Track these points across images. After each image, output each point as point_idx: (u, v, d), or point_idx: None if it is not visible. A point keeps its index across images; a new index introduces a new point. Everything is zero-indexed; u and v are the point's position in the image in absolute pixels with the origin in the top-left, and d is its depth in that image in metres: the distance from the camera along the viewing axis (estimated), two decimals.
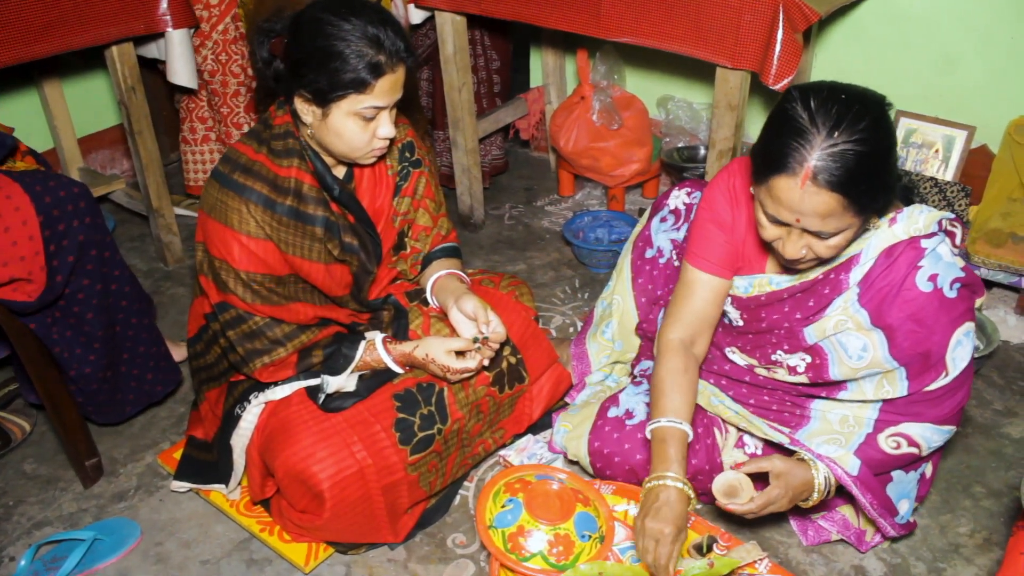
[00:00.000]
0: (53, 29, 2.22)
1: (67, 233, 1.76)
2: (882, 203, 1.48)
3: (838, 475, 1.61)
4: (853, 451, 1.62)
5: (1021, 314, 2.41)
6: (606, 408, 1.89)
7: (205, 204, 1.66)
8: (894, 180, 1.46)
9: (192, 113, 2.89)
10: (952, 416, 1.61)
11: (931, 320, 1.51)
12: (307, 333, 1.73)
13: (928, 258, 1.50)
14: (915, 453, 1.62)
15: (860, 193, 1.38)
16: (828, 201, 1.38)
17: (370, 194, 1.80)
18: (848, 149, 1.35)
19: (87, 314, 1.85)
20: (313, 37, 1.55)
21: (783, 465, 1.58)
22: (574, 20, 2.32)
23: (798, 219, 1.42)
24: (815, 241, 1.46)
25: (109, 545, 1.82)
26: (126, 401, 2.04)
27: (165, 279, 2.78)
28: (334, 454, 1.66)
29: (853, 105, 1.38)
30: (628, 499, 1.80)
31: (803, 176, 1.37)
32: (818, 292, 1.61)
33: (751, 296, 1.70)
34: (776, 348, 1.71)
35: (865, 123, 1.36)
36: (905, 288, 1.50)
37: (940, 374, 1.55)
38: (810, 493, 1.60)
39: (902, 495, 1.72)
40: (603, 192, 3.20)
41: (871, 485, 1.64)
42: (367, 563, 1.80)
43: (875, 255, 1.53)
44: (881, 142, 1.38)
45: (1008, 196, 2.35)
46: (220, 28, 2.68)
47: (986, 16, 2.37)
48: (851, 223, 1.43)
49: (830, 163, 1.35)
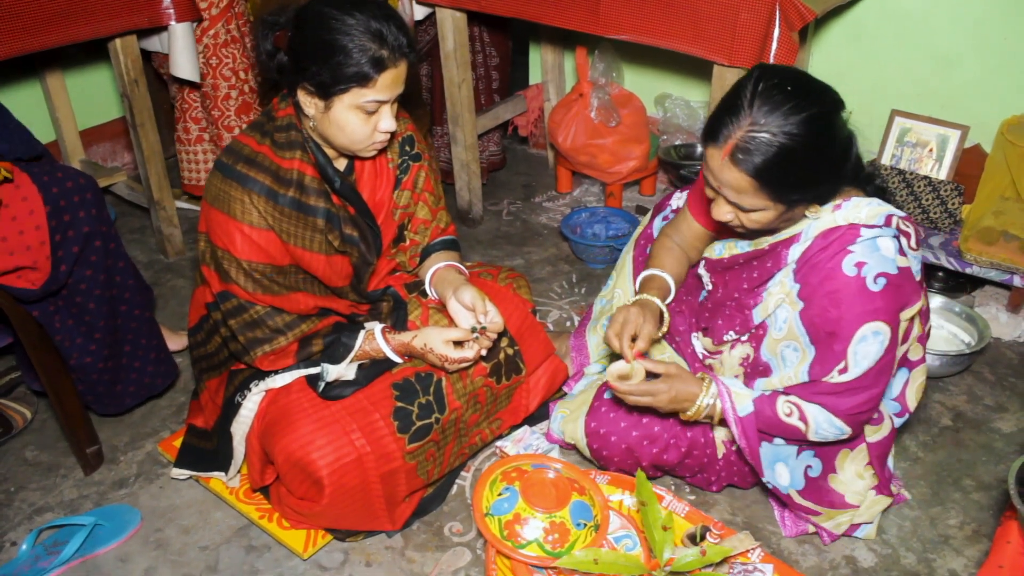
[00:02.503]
0: (58, 21, 2.24)
1: (72, 224, 1.78)
2: (805, 197, 1.53)
3: (725, 407, 1.67)
4: (753, 398, 1.67)
5: (1012, 311, 2.44)
6: (602, 390, 1.93)
7: (208, 194, 1.68)
8: (824, 177, 1.52)
9: (186, 113, 2.90)
10: (849, 415, 1.61)
11: (845, 304, 1.53)
12: (307, 323, 1.75)
13: (861, 245, 1.53)
14: (801, 429, 1.64)
15: (774, 181, 1.46)
16: (740, 179, 1.47)
17: (370, 187, 1.83)
18: (769, 139, 1.43)
19: (89, 304, 1.87)
20: (317, 31, 1.57)
21: (677, 371, 1.67)
22: (573, 17, 2.34)
23: (719, 187, 1.53)
24: (740, 211, 1.55)
25: (109, 531, 1.84)
26: (126, 393, 2.06)
27: (166, 271, 2.80)
28: (333, 441, 1.68)
29: (796, 98, 1.43)
30: (623, 488, 1.82)
31: (724, 151, 1.47)
32: (764, 263, 1.68)
33: (721, 258, 1.80)
34: (728, 327, 1.77)
35: (799, 118, 1.43)
36: (831, 267, 1.55)
37: (838, 363, 1.57)
38: (690, 406, 1.67)
39: (777, 459, 1.74)
40: (601, 189, 3.22)
41: (749, 433, 1.67)
42: (365, 550, 1.82)
43: (814, 236, 1.59)
44: (808, 139, 1.44)
45: (1000, 195, 2.38)
46: (211, 32, 2.70)
47: (979, 17, 2.40)
48: (768, 205, 1.51)
49: (748, 146, 1.44)
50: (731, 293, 1.76)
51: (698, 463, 1.83)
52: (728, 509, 1.90)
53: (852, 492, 1.76)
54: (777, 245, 1.66)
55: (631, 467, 1.85)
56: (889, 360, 1.58)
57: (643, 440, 1.80)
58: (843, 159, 1.54)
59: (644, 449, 1.81)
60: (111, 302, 1.93)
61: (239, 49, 2.76)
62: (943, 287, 2.58)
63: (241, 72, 2.78)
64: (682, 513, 1.81)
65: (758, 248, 1.70)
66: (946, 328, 2.39)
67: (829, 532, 1.80)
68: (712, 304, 1.83)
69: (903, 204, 2.51)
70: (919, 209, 2.49)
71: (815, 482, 1.75)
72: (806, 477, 1.75)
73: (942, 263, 2.39)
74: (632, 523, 1.75)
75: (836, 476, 1.76)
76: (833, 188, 1.57)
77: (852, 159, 1.58)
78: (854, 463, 1.76)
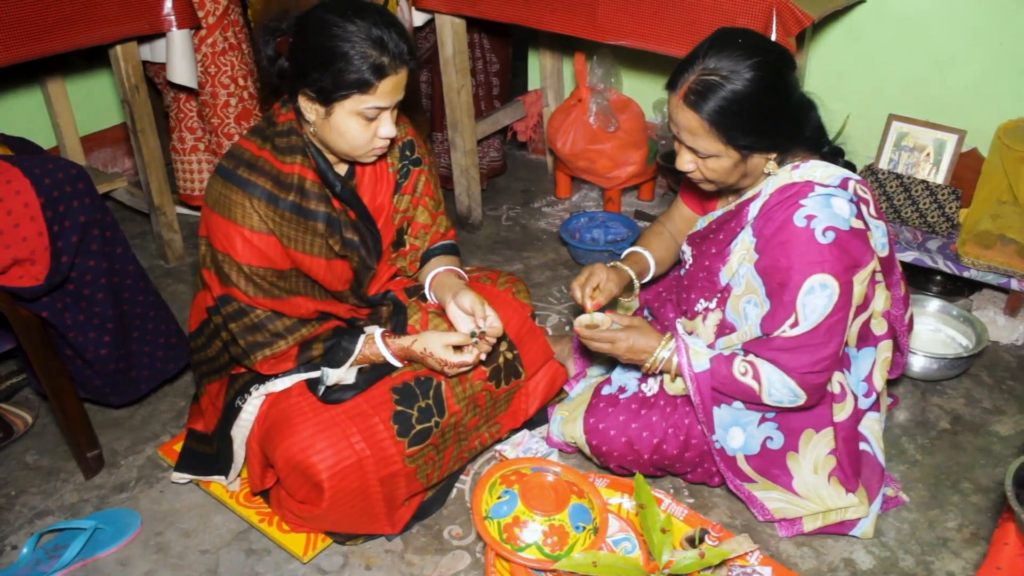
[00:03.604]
0: (59, 27, 2.26)
1: (68, 214, 1.78)
2: (756, 144, 1.61)
3: (681, 362, 1.73)
4: (710, 356, 1.72)
5: (1010, 315, 2.45)
6: (600, 388, 1.94)
7: (209, 198, 1.69)
8: (774, 127, 1.61)
9: (181, 123, 2.90)
10: (801, 375, 1.65)
11: (794, 253, 1.60)
12: (308, 327, 1.76)
13: (813, 200, 1.60)
14: (755, 388, 1.68)
15: (723, 123, 1.57)
16: (692, 120, 1.59)
17: (371, 191, 1.84)
18: (718, 81, 1.55)
19: (97, 295, 1.88)
20: (318, 37, 1.58)
21: (639, 324, 1.77)
22: (571, 23, 2.36)
23: (678, 132, 1.64)
24: (698, 159, 1.66)
25: (110, 534, 1.85)
26: (140, 379, 2.07)
27: (166, 276, 2.81)
28: (333, 445, 1.69)
29: (746, 48, 1.56)
30: (622, 492, 1.83)
31: (679, 93, 1.59)
32: (729, 224, 1.76)
33: (699, 230, 1.87)
34: (699, 296, 1.82)
35: (747, 63, 1.54)
36: (783, 219, 1.62)
37: (788, 316, 1.62)
38: (647, 358, 1.75)
39: (735, 423, 1.78)
40: (599, 194, 3.23)
41: (703, 389, 1.73)
42: (364, 553, 1.82)
43: (771, 191, 1.67)
44: (755, 85, 1.55)
45: (997, 199, 2.39)
46: (209, 41, 2.72)
47: (976, 21, 2.41)
48: (720, 150, 1.61)
49: (698, 87, 1.56)
50: (703, 262, 1.82)
51: (698, 452, 1.83)
52: (727, 512, 1.90)
53: (802, 479, 1.78)
54: (742, 205, 1.74)
55: (632, 463, 1.86)
56: (839, 319, 1.62)
57: (642, 431, 1.82)
58: (797, 117, 1.65)
59: (644, 441, 1.82)
60: (116, 289, 1.94)
61: (237, 56, 2.78)
62: (941, 291, 2.59)
63: (240, 79, 2.80)
64: (681, 516, 1.82)
65: (727, 211, 1.78)
66: (944, 331, 2.40)
67: (762, 507, 1.83)
68: (688, 279, 1.88)
69: (900, 208, 2.52)
70: (916, 213, 2.50)
71: (772, 453, 1.78)
72: (763, 447, 1.78)
73: (940, 267, 2.40)
74: (631, 526, 1.76)
75: (795, 455, 1.78)
76: (786, 143, 1.65)
77: (811, 123, 1.69)
78: (816, 448, 1.77)
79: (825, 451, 1.77)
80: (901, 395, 2.23)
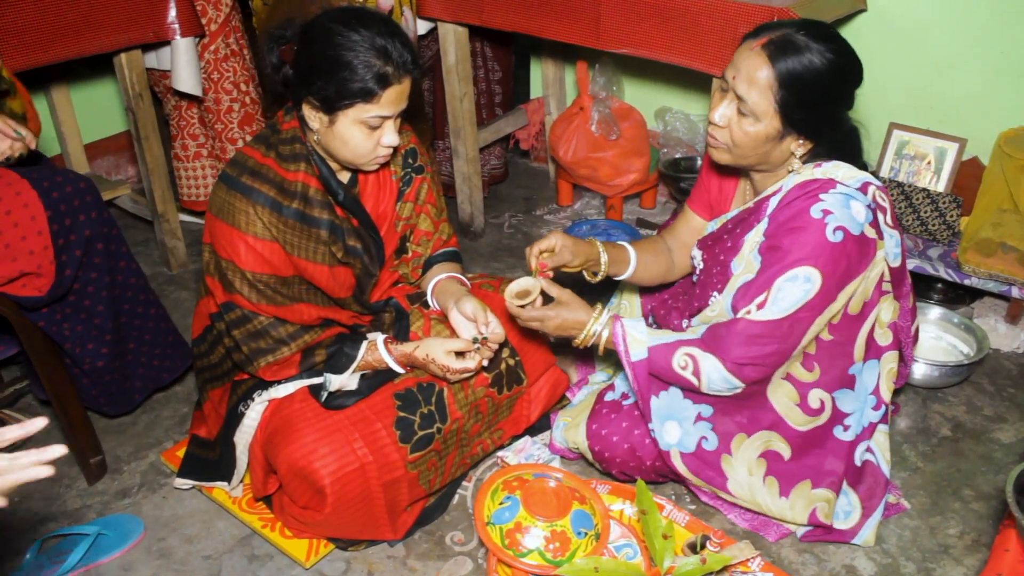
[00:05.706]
0: (64, 35, 2.28)
1: (74, 228, 1.80)
2: (802, 123, 1.61)
3: (619, 350, 1.72)
4: (649, 345, 1.71)
5: (1011, 322, 2.45)
6: (603, 394, 1.95)
7: (213, 206, 1.70)
8: (825, 114, 1.63)
9: (183, 130, 2.92)
10: (742, 365, 1.64)
11: (798, 240, 1.60)
12: (310, 333, 1.77)
13: (833, 196, 1.61)
14: (694, 383, 1.68)
15: (786, 83, 1.56)
16: (761, 69, 1.57)
17: (374, 199, 1.85)
18: (802, 45, 1.56)
19: (97, 307, 1.89)
20: (323, 46, 1.59)
21: (569, 299, 1.74)
22: (574, 32, 2.37)
23: (734, 76, 1.61)
24: (736, 116, 1.62)
25: (113, 540, 1.85)
26: (134, 389, 2.08)
27: (169, 283, 2.82)
28: (336, 451, 1.69)
29: (834, 37, 1.59)
30: (624, 498, 1.84)
31: (760, 41, 1.59)
32: (747, 220, 1.75)
33: (712, 232, 1.86)
34: (712, 289, 1.81)
35: (829, 48, 1.56)
36: (800, 208, 1.63)
37: (760, 294, 1.62)
38: (578, 333, 1.74)
39: (671, 417, 1.77)
40: (601, 202, 3.24)
41: (640, 378, 1.72)
42: (367, 559, 1.83)
43: (791, 186, 1.68)
44: (830, 67, 1.56)
45: (998, 207, 2.39)
46: (212, 48, 2.73)
47: (977, 30, 2.42)
48: (768, 113, 1.59)
49: (782, 43, 1.57)
50: (717, 258, 1.81)
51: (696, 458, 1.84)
52: (729, 519, 1.90)
53: (736, 481, 1.78)
54: (761, 201, 1.73)
55: (634, 469, 1.86)
56: (806, 319, 1.62)
57: (645, 438, 1.82)
58: (845, 121, 1.69)
59: (646, 448, 1.82)
60: (116, 302, 1.95)
61: (239, 62, 2.79)
62: (942, 298, 2.59)
63: (242, 84, 2.81)
64: (682, 522, 1.83)
65: (746, 208, 1.78)
66: (945, 339, 2.41)
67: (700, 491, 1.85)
68: (703, 276, 1.87)
69: (902, 216, 2.53)
70: (917, 221, 2.51)
71: (707, 454, 1.78)
72: (699, 446, 1.77)
73: (941, 275, 2.40)
74: (633, 532, 1.76)
75: (729, 458, 1.77)
76: (825, 136, 1.66)
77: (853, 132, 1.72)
78: (747, 452, 1.77)
79: (755, 454, 1.77)
80: (902, 402, 2.24)
